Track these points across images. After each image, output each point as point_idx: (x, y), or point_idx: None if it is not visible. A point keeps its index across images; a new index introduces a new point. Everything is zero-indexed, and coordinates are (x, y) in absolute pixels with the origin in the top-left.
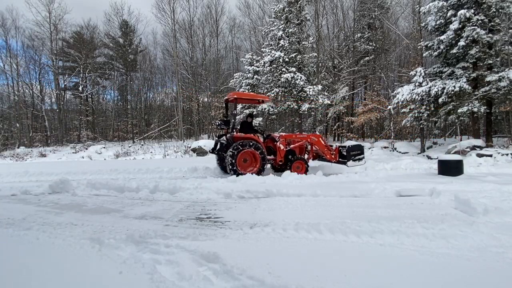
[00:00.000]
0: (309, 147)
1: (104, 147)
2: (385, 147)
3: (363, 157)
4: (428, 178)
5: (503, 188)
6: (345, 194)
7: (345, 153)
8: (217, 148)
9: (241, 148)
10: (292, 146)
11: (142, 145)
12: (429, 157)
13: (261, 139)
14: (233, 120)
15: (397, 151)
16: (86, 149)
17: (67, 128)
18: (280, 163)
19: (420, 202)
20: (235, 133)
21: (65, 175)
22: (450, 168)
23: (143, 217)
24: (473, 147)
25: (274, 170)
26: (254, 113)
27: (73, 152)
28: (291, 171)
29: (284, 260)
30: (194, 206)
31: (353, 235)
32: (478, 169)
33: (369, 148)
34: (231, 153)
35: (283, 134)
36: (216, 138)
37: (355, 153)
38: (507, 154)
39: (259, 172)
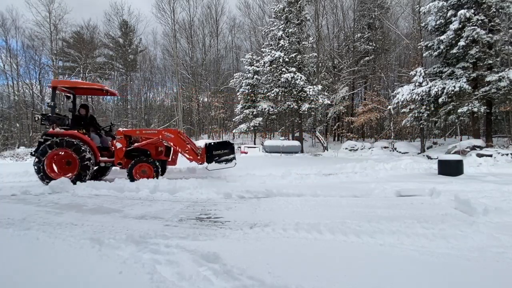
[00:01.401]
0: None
1: None
2: (385, 147)
3: (233, 158)
4: (428, 178)
5: (503, 188)
6: (345, 194)
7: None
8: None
9: (54, 147)
10: (136, 144)
11: None
12: (429, 157)
13: (92, 137)
14: (50, 115)
15: (397, 151)
16: None
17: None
18: (119, 165)
19: (420, 202)
20: (51, 129)
21: None
22: (450, 168)
23: (143, 217)
24: (473, 147)
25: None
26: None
27: None
28: (131, 179)
29: (284, 260)
30: (194, 206)
31: (353, 235)
32: (478, 169)
33: (369, 148)
34: (37, 154)
35: (122, 129)
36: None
37: (220, 153)
38: (507, 154)
39: (79, 177)
